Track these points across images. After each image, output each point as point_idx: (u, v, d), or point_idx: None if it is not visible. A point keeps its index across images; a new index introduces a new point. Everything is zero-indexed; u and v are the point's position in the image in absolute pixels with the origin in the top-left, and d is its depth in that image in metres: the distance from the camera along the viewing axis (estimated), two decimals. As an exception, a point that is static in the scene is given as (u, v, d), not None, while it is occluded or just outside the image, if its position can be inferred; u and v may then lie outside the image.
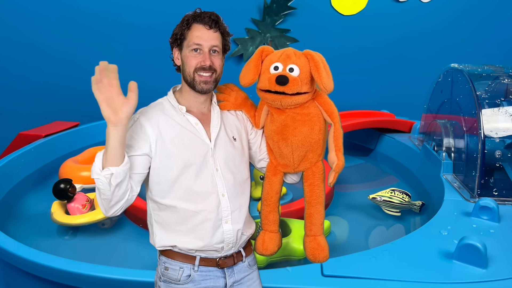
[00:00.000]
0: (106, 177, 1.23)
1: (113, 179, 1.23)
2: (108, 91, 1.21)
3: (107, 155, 1.24)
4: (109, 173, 1.23)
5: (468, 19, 5.25)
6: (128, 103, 1.23)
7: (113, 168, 1.23)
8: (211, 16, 1.40)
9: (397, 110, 4.77)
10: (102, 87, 1.21)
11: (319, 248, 1.54)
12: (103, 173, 1.23)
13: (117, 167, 1.24)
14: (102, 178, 1.23)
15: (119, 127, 1.23)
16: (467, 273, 1.87)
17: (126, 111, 1.23)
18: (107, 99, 1.21)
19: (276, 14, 5.04)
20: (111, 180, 1.23)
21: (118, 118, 1.22)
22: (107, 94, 1.21)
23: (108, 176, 1.23)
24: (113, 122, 1.22)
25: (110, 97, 1.21)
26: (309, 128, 1.45)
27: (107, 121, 1.22)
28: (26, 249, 2.11)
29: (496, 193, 2.66)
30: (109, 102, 1.21)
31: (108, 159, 1.23)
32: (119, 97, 1.22)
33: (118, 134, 1.23)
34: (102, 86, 1.21)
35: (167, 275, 1.42)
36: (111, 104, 1.22)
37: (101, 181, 1.23)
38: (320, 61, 1.39)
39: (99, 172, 1.23)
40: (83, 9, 4.84)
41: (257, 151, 1.58)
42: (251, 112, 1.55)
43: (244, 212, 1.48)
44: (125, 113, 1.23)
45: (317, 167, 1.53)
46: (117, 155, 1.24)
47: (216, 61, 1.40)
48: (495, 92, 2.90)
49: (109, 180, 1.23)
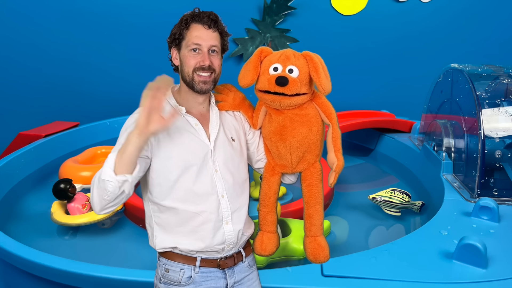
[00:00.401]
0: (119, 182, 1.22)
1: (126, 186, 1.24)
2: (155, 102, 1.21)
3: (123, 160, 1.23)
4: (124, 179, 1.23)
5: (468, 19, 5.25)
6: (162, 123, 1.23)
7: (128, 176, 1.23)
8: (210, 16, 1.39)
9: (397, 110, 4.77)
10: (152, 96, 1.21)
11: (319, 249, 1.54)
12: (118, 178, 1.22)
13: (131, 175, 1.24)
14: (115, 182, 1.22)
15: (142, 138, 1.22)
16: (467, 273, 1.87)
17: (156, 128, 1.22)
18: (151, 108, 1.21)
19: (276, 14, 5.04)
20: (123, 186, 1.23)
21: (146, 130, 1.22)
22: (153, 105, 1.21)
23: (121, 182, 1.23)
24: (141, 130, 1.21)
25: (153, 108, 1.21)
26: (307, 129, 1.45)
27: (136, 127, 1.22)
28: (26, 249, 2.11)
29: (496, 193, 2.66)
30: (150, 112, 1.21)
31: (123, 164, 1.23)
32: (159, 112, 1.22)
33: (139, 144, 1.23)
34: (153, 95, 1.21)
35: (168, 276, 1.41)
36: (150, 114, 1.21)
37: (112, 185, 1.22)
38: (319, 62, 1.39)
39: (112, 175, 1.22)
40: (83, 9, 4.84)
41: (255, 151, 1.58)
42: (249, 113, 1.55)
43: (244, 213, 1.48)
44: (155, 129, 1.22)
45: (315, 168, 1.53)
46: (132, 163, 1.24)
47: (215, 61, 1.40)
48: (495, 92, 2.90)
49: (121, 185, 1.23)
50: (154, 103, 1.21)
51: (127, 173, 1.24)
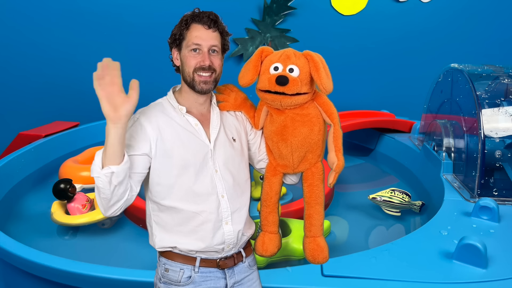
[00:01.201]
0: (106, 176, 1.21)
1: (114, 178, 1.22)
2: (109, 88, 1.21)
3: (106, 153, 1.22)
4: (110, 171, 1.21)
5: (468, 19, 5.25)
6: (129, 101, 1.23)
7: (113, 167, 1.22)
8: (209, 16, 1.39)
9: (397, 110, 4.77)
10: (103, 84, 1.20)
11: (318, 249, 1.54)
12: (104, 171, 1.21)
13: (117, 166, 1.22)
14: (102, 176, 1.21)
15: (119, 125, 1.22)
16: (467, 273, 1.87)
17: (126, 109, 1.22)
18: (108, 95, 1.20)
19: (276, 14, 5.04)
20: (111, 179, 1.22)
21: (118, 116, 1.21)
22: (109, 91, 1.21)
23: (109, 175, 1.22)
24: (112, 119, 1.21)
25: (111, 94, 1.21)
26: (309, 129, 1.45)
27: (107, 118, 1.21)
28: (26, 249, 2.10)
29: (496, 193, 2.66)
30: (110, 99, 1.21)
31: (108, 157, 1.22)
32: (120, 95, 1.22)
33: (118, 132, 1.22)
34: (104, 83, 1.20)
35: (167, 276, 1.41)
36: (111, 101, 1.21)
37: (101, 180, 1.22)
38: (320, 61, 1.38)
39: (99, 170, 1.22)
40: (83, 9, 4.84)
41: (256, 152, 1.58)
42: (250, 113, 1.55)
43: (245, 213, 1.47)
44: (125, 111, 1.22)
45: (317, 168, 1.52)
46: (117, 153, 1.23)
47: (215, 61, 1.40)
48: (495, 92, 2.90)
49: (110, 179, 1.22)
50: (110, 89, 1.20)
51: (113, 165, 1.23)
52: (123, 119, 1.22)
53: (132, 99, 1.23)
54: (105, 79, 1.20)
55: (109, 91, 1.21)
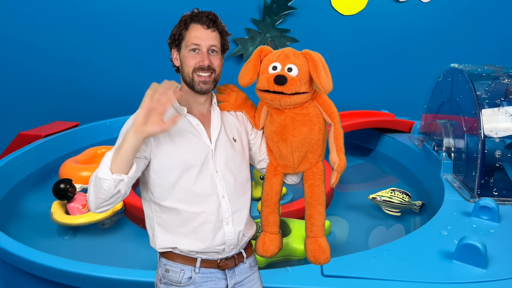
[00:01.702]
0: (115, 181, 1.22)
1: (121, 185, 1.24)
2: (156, 104, 1.21)
3: (118, 158, 1.23)
4: (120, 179, 1.22)
5: (468, 19, 5.25)
6: (161, 126, 1.22)
7: (124, 176, 1.23)
8: (208, 16, 1.39)
9: (397, 110, 4.77)
10: (155, 98, 1.21)
11: (320, 250, 1.53)
12: (114, 176, 1.22)
13: (127, 176, 1.24)
14: (111, 180, 1.22)
15: (139, 137, 1.22)
16: (467, 273, 1.87)
17: (154, 130, 1.22)
18: (150, 109, 1.21)
19: (276, 14, 5.04)
20: (119, 185, 1.23)
21: (144, 129, 1.21)
22: (153, 106, 1.21)
23: (117, 181, 1.22)
24: (138, 129, 1.21)
25: (153, 110, 1.21)
26: (309, 129, 1.44)
27: (134, 125, 1.22)
28: (26, 249, 2.11)
29: (496, 193, 2.66)
30: (149, 113, 1.21)
31: (118, 163, 1.23)
32: (159, 116, 1.22)
33: (136, 142, 1.22)
34: (156, 98, 1.21)
35: (168, 277, 1.41)
36: (149, 115, 1.21)
37: (108, 183, 1.22)
38: (319, 60, 1.38)
39: (109, 173, 1.22)
40: (83, 9, 4.84)
41: (257, 152, 1.57)
42: (251, 113, 1.54)
43: (245, 214, 1.47)
44: (152, 131, 1.22)
45: (317, 168, 1.51)
46: (128, 161, 1.24)
47: (214, 61, 1.39)
48: (495, 92, 2.90)
49: (117, 184, 1.23)
50: (155, 105, 1.21)
51: (123, 173, 1.23)
52: (145, 135, 1.22)
53: (165, 126, 1.23)
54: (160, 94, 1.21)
55: (154, 106, 1.21)
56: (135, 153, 1.25)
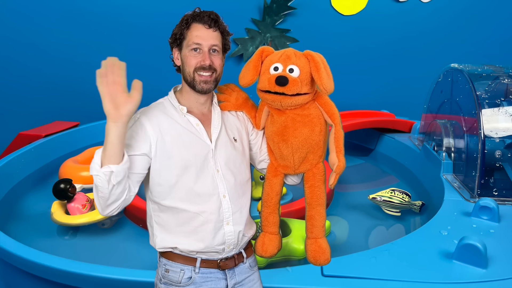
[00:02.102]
0: (105, 174, 1.21)
1: (113, 177, 1.22)
2: (112, 87, 1.21)
3: (106, 151, 1.22)
4: (109, 170, 1.21)
5: (468, 19, 5.25)
6: (131, 101, 1.23)
7: (113, 166, 1.22)
8: (210, 15, 1.39)
9: (397, 110, 4.77)
10: (107, 82, 1.21)
11: (320, 251, 1.53)
12: (103, 170, 1.21)
13: (117, 165, 1.22)
14: (102, 175, 1.21)
15: (119, 124, 1.22)
16: (467, 273, 1.87)
17: (127, 109, 1.22)
18: (110, 94, 1.21)
19: (276, 14, 5.04)
20: (110, 178, 1.22)
21: (119, 114, 1.21)
22: (111, 89, 1.21)
23: (108, 174, 1.21)
24: (113, 118, 1.21)
25: (114, 92, 1.21)
26: (310, 129, 1.44)
27: (108, 117, 1.22)
28: (26, 249, 2.11)
29: (496, 193, 2.66)
30: (112, 98, 1.21)
31: (107, 156, 1.22)
32: (122, 94, 1.22)
33: (118, 131, 1.22)
34: (107, 81, 1.21)
35: (168, 277, 1.41)
36: (114, 100, 1.21)
37: (100, 178, 1.22)
38: (321, 61, 1.37)
39: (98, 168, 1.22)
40: (83, 9, 4.84)
41: (258, 152, 1.57)
42: (252, 113, 1.54)
43: (245, 213, 1.47)
44: (127, 110, 1.22)
45: (318, 169, 1.51)
46: (116, 152, 1.23)
47: (216, 60, 1.39)
48: (495, 92, 2.90)
49: (109, 178, 1.22)
50: (113, 88, 1.21)
51: (112, 164, 1.23)
52: (124, 118, 1.22)
53: (134, 99, 1.24)
54: (108, 77, 1.21)
55: (112, 89, 1.21)
56: (121, 142, 1.24)
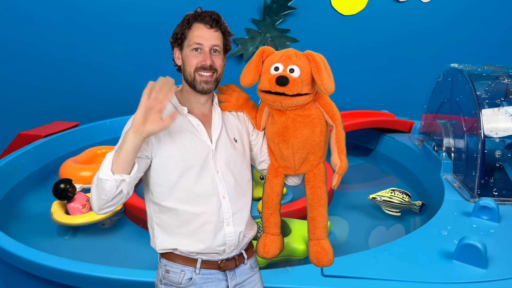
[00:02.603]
0: (116, 181, 1.22)
1: (124, 186, 1.24)
2: (154, 103, 1.22)
3: (119, 159, 1.23)
4: (121, 179, 1.23)
5: (468, 19, 5.25)
6: (160, 124, 1.23)
7: (126, 176, 1.23)
8: (212, 15, 1.39)
9: (397, 110, 4.77)
10: (150, 96, 1.22)
11: (322, 252, 1.52)
12: (115, 177, 1.22)
13: (129, 176, 1.24)
14: (113, 181, 1.22)
15: (139, 137, 1.23)
16: (467, 273, 1.87)
17: (153, 128, 1.23)
18: (148, 108, 1.22)
19: (276, 14, 5.04)
20: (121, 185, 1.23)
21: (143, 129, 1.22)
22: (152, 105, 1.22)
23: (119, 182, 1.23)
24: (137, 129, 1.22)
25: (151, 108, 1.22)
26: (310, 130, 1.43)
27: (133, 125, 1.22)
28: (26, 249, 2.11)
29: (496, 193, 2.66)
30: (148, 111, 1.22)
31: (119, 164, 1.23)
32: (157, 114, 1.23)
33: (135, 142, 1.23)
34: (153, 96, 1.22)
35: (168, 278, 1.41)
36: (148, 114, 1.22)
37: (110, 184, 1.22)
38: (321, 62, 1.37)
39: (110, 174, 1.22)
40: (83, 9, 4.84)
41: (258, 152, 1.57)
42: (252, 113, 1.54)
43: (246, 214, 1.46)
44: (152, 129, 1.23)
45: (319, 169, 1.50)
46: (129, 161, 1.24)
47: (217, 60, 1.39)
48: (495, 92, 2.90)
49: (119, 185, 1.23)
50: (153, 103, 1.21)
51: (124, 173, 1.24)
52: (145, 134, 1.23)
53: (164, 123, 1.24)
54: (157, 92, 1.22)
55: (152, 105, 1.22)
56: (136, 153, 1.25)
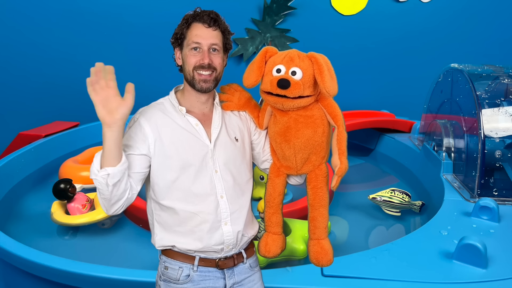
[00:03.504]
0: (103, 177, 1.24)
1: (110, 180, 1.24)
2: (104, 92, 1.22)
3: (104, 155, 1.24)
4: (106, 173, 1.23)
5: (468, 19, 5.26)
6: (124, 105, 1.23)
7: (109, 169, 1.24)
8: (210, 15, 1.39)
9: (397, 110, 4.77)
10: (98, 88, 1.22)
11: (322, 252, 1.52)
12: (100, 173, 1.24)
13: (113, 168, 1.24)
14: (99, 178, 1.24)
15: (114, 128, 1.23)
16: (467, 273, 1.87)
17: (121, 113, 1.23)
18: (103, 100, 1.22)
19: (276, 14, 5.04)
20: (107, 180, 1.24)
21: (113, 119, 1.22)
22: (103, 95, 1.22)
23: (105, 177, 1.23)
24: (108, 123, 1.22)
25: (106, 98, 1.22)
26: (312, 131, 1.43)
27: (102, 122, 1.23)
28: (26, 249, 2.11)
29: (496, 193, 2.66)
30: (104, 103, 1.22)
31: (105, 159, 1.24)
32: (115, 98, 1.23)
33: (113, 135, 1.23)
34: (99, 87, 1.21)
35: (167, 274, 1.42)
36: (106, 105, 1.22)
37: (99, 181, 1.24)
38: (324, 64, 1.35)
39: (96, 172, 1.25)
40: (83, 9, 4.84)
41: (261, 152, 1.57)
42: (254, 113, 1.53)
43: (245, 214, 1.46)
44: (120, 114, 1.23)
45: (320, 170, 1.50)
46: (114, 156, 1.25)
47: (215, 59, 1.39)
48: (495, 92, 2.90)
49: (106, 181, 1.24)
50: (104, 93, 1.21)
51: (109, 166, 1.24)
52: (119, 122, 1.23)
53: (127, 102, 1.24)
54: (99, 83, 1.21)
55: (104, 95, 1.22)
56: (118, 146, 1.25)
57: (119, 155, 1.26)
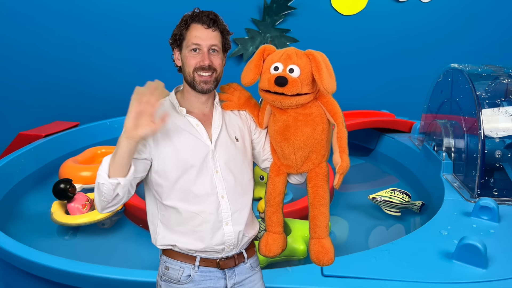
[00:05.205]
0: (112, 185, 1.25)
1: (119, 189, 1.26)
2: (144, 106, 1.22)
3: (115, 163, 1.25)
4: (116, 182, 1.25)
5: (468, 19, 5.25)
6: (151, 127, 1.24)
7: (121, 179, 1.25)
8: (209, 15, 1.39)
9: (397, 110, 4.77)
10: (142, 100, 1.22)
11: (323, 251, 1.52)
12: (111, 180, 1.25)
13: (124, 178, 1.26)
14: (109, 185, 1.25)
15: (131, 141, 1.24)
16: (467, 273, 1.87)
17: (145, 132, 1.23)
18: (138, 112, 1.22)
19: (276, 14, 5.04)
20: (116, 188, 1.26)
21: (135, 134, 1.23)
22: (142, 109, 1.22)
23: (115, 185, 1.25)
24: (129, 134, 1.23)
25: (142, 112, 1.22)
26: (312, 129, 1.43)
27: (124, 131, 1.23)
28: (26, 249, 2.11)
29: (496, 193, 2.66)
30: (138, 116, 1.22)
31: (115, 167, 1.26)
32: (148, 117, 1.23)
33: (128, 147, 1.24)
34: (144, 100, 1.22)
35: (168, 274, 1.42)
36: (138, 118, 1.22)
37: (107, 187, 1.25)
38: (322, 61, 1.35)
39: (106, 178, 1.25)
40: (83, 9, 4.84)
41: (261, 151, 1.57)
42: (254, 112, 1.53)
43: (246, 214, 1.46)
44: (143, 133, 1.23)
45: (321, 168, 1.50)
46: (124, 165, 1.26)
47: (215, 60, 1.39)
48: (495, 92, 2.90)
49: (115, 188, 1.26)
50: (143, 107, 1.22)
51: (120, 176, 1.26)
52: (138, 138, 1.24)
53: (155, 126, 1.24)
54: (146, 96, 1.22)
55: (142, 109, 1.22)
56: (130, 157, 1.27)
57: (129, 165, 1.28)
